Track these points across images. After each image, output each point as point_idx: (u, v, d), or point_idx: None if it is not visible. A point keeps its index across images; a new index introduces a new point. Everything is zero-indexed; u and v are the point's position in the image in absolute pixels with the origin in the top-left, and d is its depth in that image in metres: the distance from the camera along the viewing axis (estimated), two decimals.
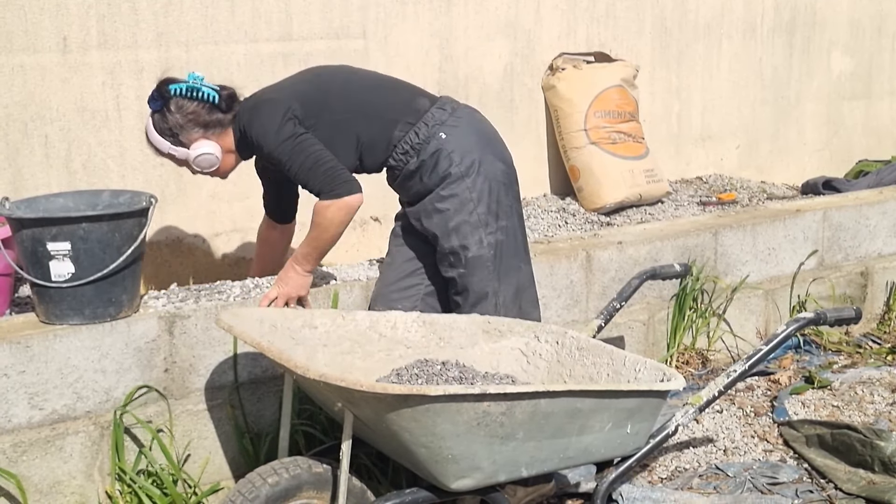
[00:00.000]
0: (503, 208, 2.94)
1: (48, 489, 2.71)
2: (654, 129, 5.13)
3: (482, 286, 2.91)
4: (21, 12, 3.48)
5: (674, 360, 3.87)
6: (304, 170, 2.78)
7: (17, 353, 2.63)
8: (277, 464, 2.45)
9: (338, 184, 2.76)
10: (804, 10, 5.71)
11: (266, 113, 2.83)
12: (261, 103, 2.89)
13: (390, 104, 2.96)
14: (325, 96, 2.91)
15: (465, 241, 2.89)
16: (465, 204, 2.89)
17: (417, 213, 2.96)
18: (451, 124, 2.94)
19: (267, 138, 2.81)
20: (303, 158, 2.78)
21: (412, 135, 2.91)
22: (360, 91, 2.98)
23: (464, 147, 2.92)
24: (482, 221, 2.90)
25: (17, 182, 3.55)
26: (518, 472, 2.38)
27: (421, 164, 2.91)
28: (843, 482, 3.03)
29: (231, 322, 2.52)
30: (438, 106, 2.97)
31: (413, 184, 2.95)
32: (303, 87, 2.95)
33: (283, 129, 2.79)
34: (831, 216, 4.33)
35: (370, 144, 2.93)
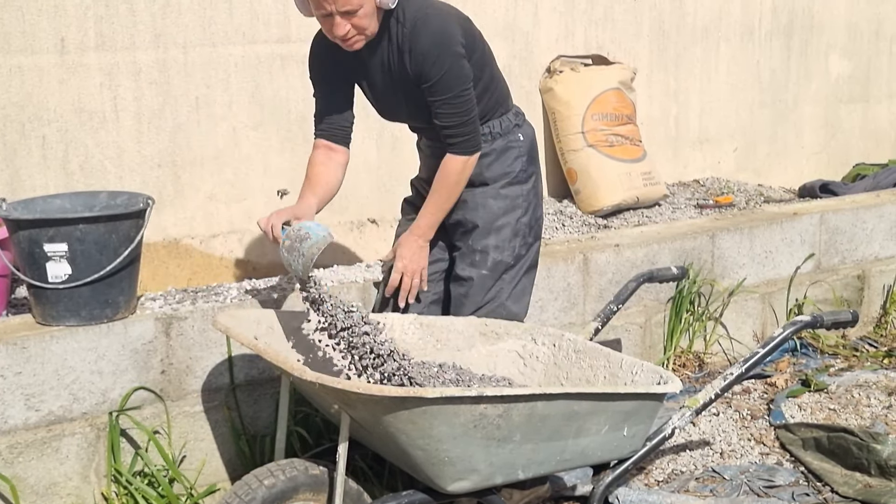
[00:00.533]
0: (537, 229, 2.99)
1: (44, 490, 2.71)
2: (651, 131, 5.13)
3: (494, 292, 2.91)
4: (19, 13, 3.48)
5: (670, 363, 3.87)
6: (462, 115, 2.74)
7: (13, 354, 2.63)
8: (274, 466, 2.45)
9: (478, 141, 2.79)
10: (802, 13, 5.71)
11: (443, 34, 2.70)
12: (434, 18, 2.72)
13: (502, 85, 2.97)
14: (476, 45, 2.83)
15: (501, 244, 2.90)
16: (515, 209, 2.92)
17: (461, 201, 2.92)
18: (525, 130, 2.99)
19: (438, 62, 2.69)
20: (467, 106, 2.74)
21: (500, 120, 2.93)
22: (491, 58, 2.94)
23: (531, 155, 2.97)
24: (522, 231, 2.93)
25: (15, 183, 3.55)
26: (515, 475, 2.38)
27: (490, 151, 2.91)
28: (839, 485, 3.03)
29: (228, 324, 2.52)
30: (517, 111, 3.01)
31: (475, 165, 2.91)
32: (466, 25, 2.83)
33: (464, 71, 2.72)
34: (828, 219, 4.33)
35: (482, 108, 2.87)
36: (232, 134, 3.93)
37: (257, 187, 4.00)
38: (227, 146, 3.93)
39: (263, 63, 3.96)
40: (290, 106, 4.03)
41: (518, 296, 2.97)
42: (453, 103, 2.74)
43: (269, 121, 4.00)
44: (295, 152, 4.05)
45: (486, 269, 2.90)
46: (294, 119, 4.04)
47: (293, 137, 4.05)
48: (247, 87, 3.94)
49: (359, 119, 3.05)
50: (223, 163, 3.93)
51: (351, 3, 2.60)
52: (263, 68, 3.96)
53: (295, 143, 4.05)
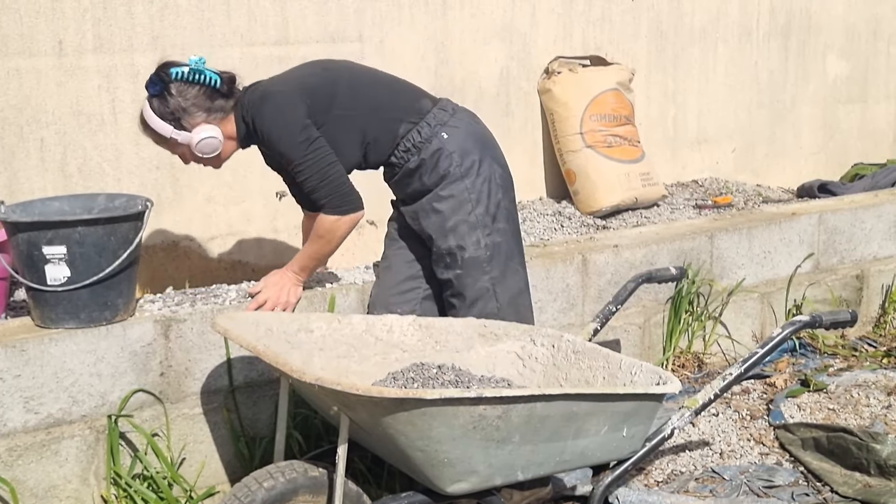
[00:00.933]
0: (501, 211, 2.95)
1: (43, 493, 2.70)
2: (649, 132, 5.13)
3: (478, 288, 2.91)
4: (17, 16, 3.48)
5: (670, 364, 3.87)
6: (313, 180, 2.79)
7: (12, 356, 2.63)
8: (273, 468, 2.44)
9: (346, 200, 2.81)
10: (799, 13, 5.72)
11: (279, 108, 2.80)
12: (271, 96, 2.84)
13: (395, 102, 2.96)
14: (333, 91, 2.89)
15: (462, 242, 2.89)
16: (463, 204, 2.90)
17: (415, 213, 2.97)
18: (453, 125, 2.95)
19: (279, 135, 2.79)
20: (315, 169, 2.79)
21: (415, 133, 2.92)
22: (366, 87, 2.97)
23: (464, 148, 2.93)
24: (480, 222, 2.90)
25: (13, 186, 3.55)
26: (514, 476, 2.38)
27: (421, 162, 2.91)
28: (838, 485, 3.03)
29: (227, 326, 2.52)
30: (440, 107, 2.99)
31: (412, 182, 2.95)
32: (311, 80, 2.91)
33: (299, 131, 2.78)
34: (827, 219, 4.33)
35: (375, 141, 2.93)
36: None
37: (256, 189, 4.00)
38: None
39: (261, 65, 3.96)
40: None
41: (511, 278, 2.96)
42: (303, 169, 2.80)
43: None
44: None
45: (459, 269, 2.91)
46: None
47: None
48: None
49: None
50: None
51: (154, 139, 2.89)
52: (261, 70, 3.95)
53: None
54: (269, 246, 4.06)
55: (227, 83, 2.88)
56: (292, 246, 4.09)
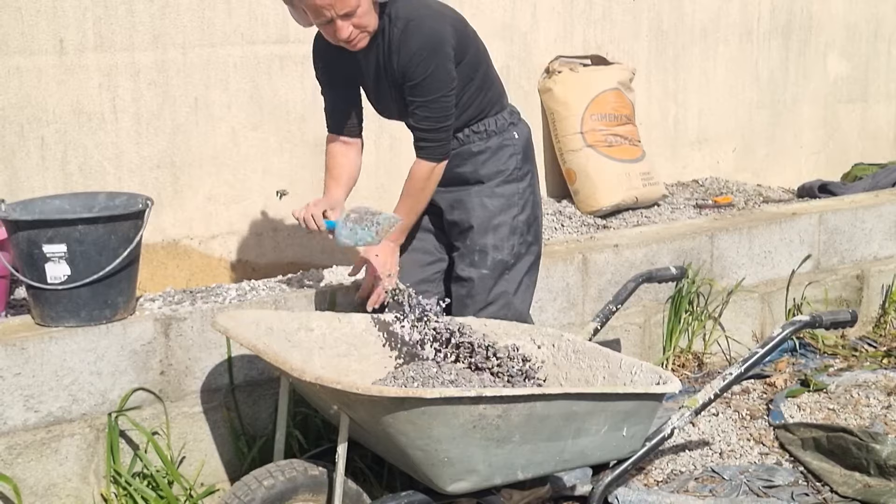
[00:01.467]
0: (535, 226, 2.99)
1: (43, 491, 2.71)
2: (650, 132, 5.13)
3: (497, 292, 2.90)
4: (17, 14, 3.48)
5: (670, 363, 3.87)
6: (435, 121, 2.75)
7: (12, 355, 2.63)
8: (273, 466, 2.45)
9: (448, 149, 2.80)
10: (800, 13, 5.72)
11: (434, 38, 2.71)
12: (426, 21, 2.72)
13: (496, 84, 2.97)
14: (467, 45, 2.83)
15: (500, 243, 2.89)
16: (511, 207, 2.91)
17: (457, 200, 2.93)
18: (520, 129, 2.99)
19: (427, 65, 2.70)
20: (443, 113, 2.75)
21: (495, 119, 2.92)
22: (487, 58, 2.95)
23: (526, 152, 2.97)
24: (519, 229, 2.92)
25: (13, 184, 3.55)
26: (514, 475, 2.38)
27: (486, 149, 2.91)
28: (838, 485, 3.03)
29: (227, 325, 2.52)
30: (511, 108, 3.02)
31: (465, 165, 2.91)
32: (458, 26, 2.83)
33: (447, 68, 2.72)
34: (827, 219, 4.33)
35: (466, 106, 2.87)
36: (231, 134, 3.93)
37: (256, 188, 4.00)
38: (226, 147, 3.93)
39: (262, 64, 3.96)
40: (289, 107, 4.03)
41: (522, 294, 2.97)
42: (430, 107, 2.75)
43: (268, 121, 4.00)
44: (294, 153, 4.06)
45: (486, 269, 2.89)
46: (293, 119, 4.04)
47: (292, 138, 4.05)
48: (245, 88, 3.94)
49: None
50: (222, 163, 3.93)
51: (349, 5, 2.62)
52: (262, 69, 3.96)
53: (294, 144, 4.05)
54: (270, 244, 4.06)
55: None
56: (293, 244, 4.09)
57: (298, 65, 4.00)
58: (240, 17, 3.90)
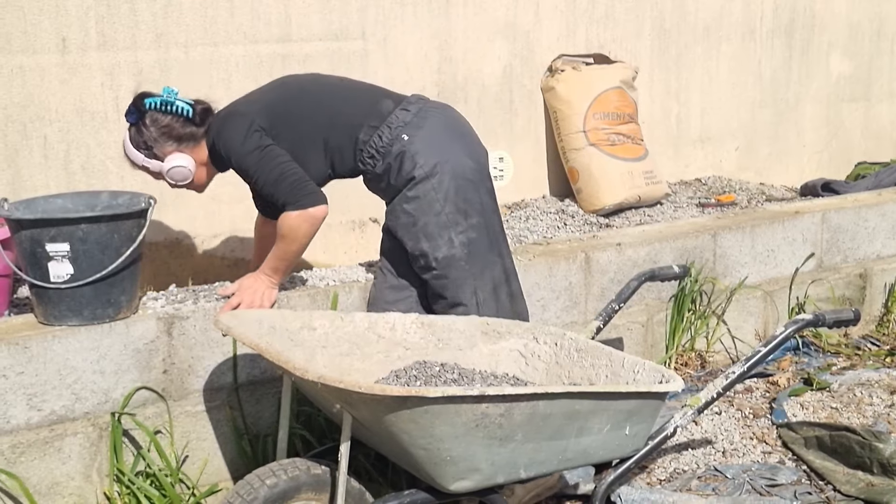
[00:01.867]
0: (473, 205, 2.93)
1: (46, 490, 2.71)
2: (653, 130, 5.13)
3: (457, 286, 2.91)
4: (20, 13, 3.48)
5: (672, 362, 3.87)
6: (270, 182, 2.81)
7: (15, 354, 2.63)
8: (276, 465, 2.45)
9: (302, 195, 2.79)
10: (803, 12, 5.71)
11: (232, 125, 2.87)
12: (228, 116, 2.93)
13: (354, 108, 2.97)
14: (290, 105, 2.94)
15: (435, 242, 2.89)
16: (431, 204, 2.89)
17: (388, 216, 2.99)
18: (416, 125, 2.93)
19: (233, 150, 2.85)
20: (268, 171, 2.81)
21: (376, 138, 2.92)
22: (323, 97, 2.99)
23: (427, 147, 2.91)
24: (451, 221, 2.89)
25: (16, 183, 3.55)
26: (517, 474, 2.38)
27: (387, 167, 2.92)
28: (841, 484, 3.03)
29: (229, 323, 2.52)
30: (403, 107, 2.97)
31: (383, 186, 2.97)
32: (270, 97, 2.98)
33: (249, 141, 2.83)
34: (830, 218, 4.33)
35: (338, 150, 2.95)
36: None
37: None
38: None
39: (265, 62, 3.96)
40: None
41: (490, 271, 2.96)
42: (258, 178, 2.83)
43: None
44: None
45: (435, 270, 2.91)
46: None
47: None
48: (248, 87, 3.91)
49: None
50: None
51: (132, 165, 3.00)
52: (265, 68, 3.96)
53: None
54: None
55: (199, 113, 2.95)
56: None
57: (301, 64, 4.00)
58: (242, 16, 3.90)
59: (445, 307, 2.94)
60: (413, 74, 4.30)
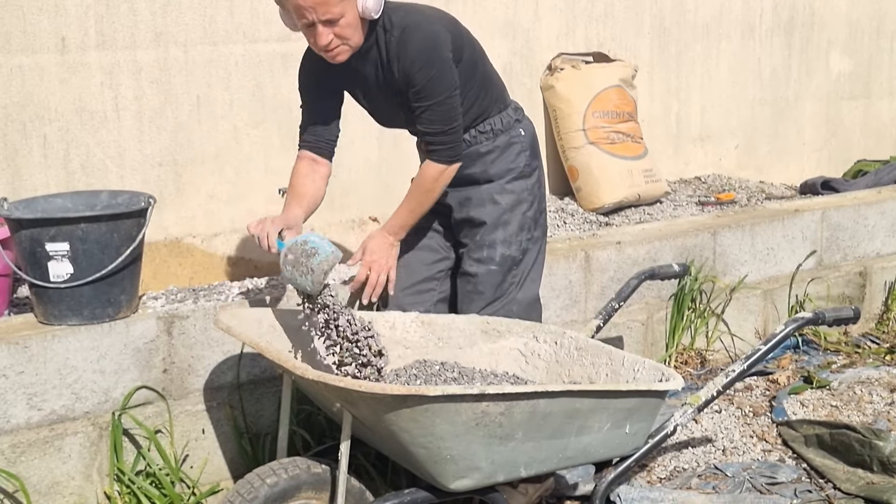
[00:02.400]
0: (542, 220, 3.00)
1: (47, 490, 2.71)
2: (652, 129, 5.13)
3: (505, 288, 2.92)
4: (19, 12, 3.48)
5: (672, 360, 3.87)
6: (443, 123, 2.73)
7: (15, 353, 2.63)
8: (276, 464, 2.45)
9: (459, 150, 2.78)
10: (803, 9, 5.71)
11: (434, 42, 2.69)
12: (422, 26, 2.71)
13: (497, 82, 2.97)
14: (463, 46, 2.82)
15: (510, 239, 2.91)
16: (521, 203, 2.92)
17: (467, 199, 2.93)
18: (525, 125, 2.99)
19: (429, 69, 2.68)
20: (450, 114, 2.73)
21: (498, 118, 2.92)
22: (483, 58, 2.95)
23: (533, 148, 2.98)
24: (527, 225, 2.94)
25: (16, 182, 3.55)
26: (517, 473, 2.38)
27: (494, 148, 2.91)
28: (841, 482, 3.03)
29: (230, 323, 2.52)
30: (515, 105, 3.02)
31: (474, 165, 2.91)
32: (453, 29, 2.82)
33: (449, 71, 2.71)
34: (830, 216, 4.33)
35: (469, 109, 2.86)
36: (233, 133, 3.93)
37: (258, 186, 4.01)
38: (228, 145, 3.93)
39: (264, 62, 3.96)
40: (291, 105, 4.02)
41: (528, 287, 2.98)
42: (436, 110, 2.73)
43: (270, 119, 4.00)
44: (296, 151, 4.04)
45: (494, 265, 2.90)
46: (295, 118, 3.99)
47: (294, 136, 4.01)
48: (248, 86, 3.94)
49: (359, 117, 3.06)
50: (224, 162, 3.93)
51: (332, 12, 2.60)
52: (264, 67, 3.96)
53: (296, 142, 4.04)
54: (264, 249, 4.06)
55: None
56: None
57: None
58: (242, 15, 3.90)
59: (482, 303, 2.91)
60: None
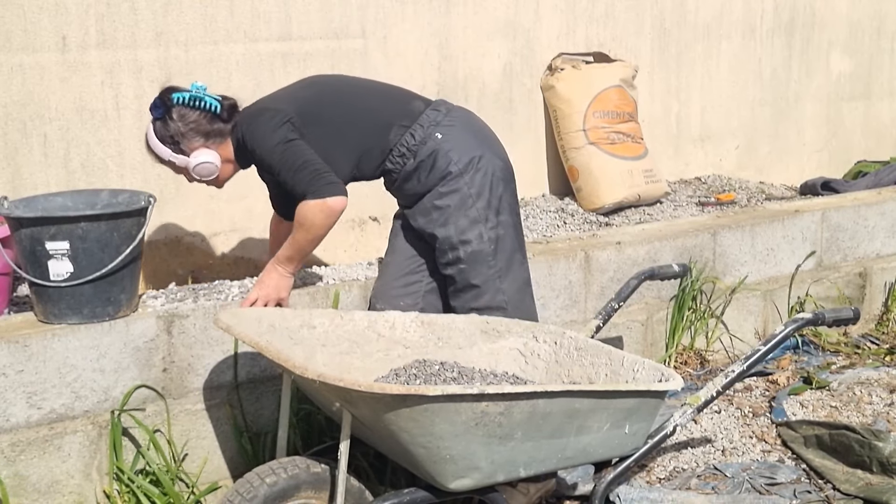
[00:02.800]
0: (503, 204, 2.96)
1: (46, 488, 2.71)
2: (653, 129, 5.13)
3: (484, 281, 2.92)
4: (20, 11, 3.48)
5: (672, 361, 3.87)
6: (291, 172, 2.78)
7: (15, 352, 2.63)
8: (276, 464, 2.45)
9: (322, 185, 2.77)
10: (803, 10, 5.71)
11: (263, 120, 2.85)
12: (259, 111, 2.90)
13: (385, 109, 2.97)
14: (321, 105, 2.93)
15: (465, 236, 2.90)
16: (464, 200, 2.90)
17: (416, 214, 2.97)
18: (447, 124, 2.96)
19: (261, 144, 2.82)
20: (291, 161, 2.79)
21: (408, 137, 2.92)
22: (354, 98, 3.00)
23: (461, 145, 2.93)
24: (482, 216, 2.91)
25: (16, 181, 3.55)
26: (516, 472, 2.38)
27: (419, 164, 2.92)
28: (841, 483, 3.03)
29: (229, 322, 2.52)
30: (433, 108, 2.99)
31: (411, 185, 2.95)
32: (301, 94, 2.97)
33: (276, 133, 2.81)
34: (830, 217, 4.33)
35: (367, 150, 2.94)
36: None
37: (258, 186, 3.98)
38: None
39: (265, 61, 3.96)
40: None
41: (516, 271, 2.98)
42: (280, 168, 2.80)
43: None
44: None
45: (462, 264, 2.91)
46: None
47: None
48: (248, 86, 3.94)
49: None
50: None
51: (156, 160, 2.95)
52: (265, 66, 3.96)
53: None
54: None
55: (227, 109, 2.94)
56: None
57: (301, 62, 4.00)
58: (242, 15, 3.90)
59: (470, 300, 2.93)
60: (413, 73, 4.30)
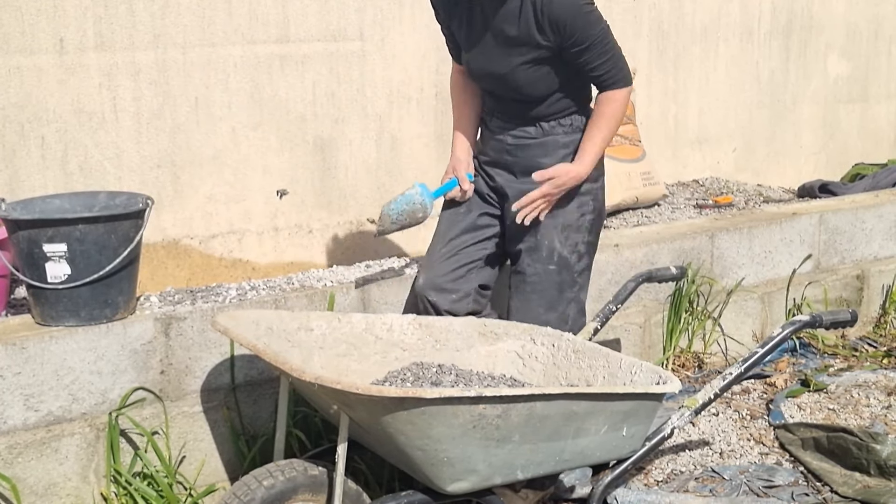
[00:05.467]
0: (598, 227, 3.02)
1: (43, 491, 2.71)
2: (650, 131, 5.13)
3: (562, 289, 2.94)
4: (18, 13, 3.48)
5: (670, 363, 3.87)
6: (607, 55, 2.78)
7: (12, 354, 2.63)
8: (273, 466, 2.45)
9: (628, 70, 2.82)
10: (801, 13, 5.72)
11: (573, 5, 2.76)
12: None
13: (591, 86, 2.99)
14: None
15: (571, 239, 2.93)
16: (583, 205, 2.94)
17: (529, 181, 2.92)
18: None
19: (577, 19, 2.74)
20: (609, 45, 2.78)
21: (582, 117, 2.95)
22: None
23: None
24: (585, 227, 2.96)
25: (14, 183, 3.55)
26: (514, 475, 2.38)
27: (569, 143, 2.93)
28: (838, 485, 3.03)
29: (227, 324, 2.52)
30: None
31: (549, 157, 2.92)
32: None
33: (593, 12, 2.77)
34: (827, 219, 4.33)
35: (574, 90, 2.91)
36: (231, 134, 3.93)
37: (256, 187, 4.01)
38: (227, 146, 3.93)
39: (262, 63, 3.96)
40: (289, 106, 4.03)
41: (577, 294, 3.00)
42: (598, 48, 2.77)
43: (269, 121, 4.00)
44: (294, 152, 4.05)
45: (552, 265, 2.93)
46: (293, 119, 4.04)
47: (292, 138, 4.05)
48: (246, 88, 3.94)
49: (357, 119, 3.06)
50: (222, 163, 3.93)
51: None
52: (262, 68, 3.96)
53: (294, 144, 4.05)
54: (270, 244, 4.06)
55: None
56: (294, 244, 4.09)
57: (299, 64, 4.00)
58: (240, 17, 3.90)
59: (542, 305, 2.94)
60: (411, 75, 4.30)
